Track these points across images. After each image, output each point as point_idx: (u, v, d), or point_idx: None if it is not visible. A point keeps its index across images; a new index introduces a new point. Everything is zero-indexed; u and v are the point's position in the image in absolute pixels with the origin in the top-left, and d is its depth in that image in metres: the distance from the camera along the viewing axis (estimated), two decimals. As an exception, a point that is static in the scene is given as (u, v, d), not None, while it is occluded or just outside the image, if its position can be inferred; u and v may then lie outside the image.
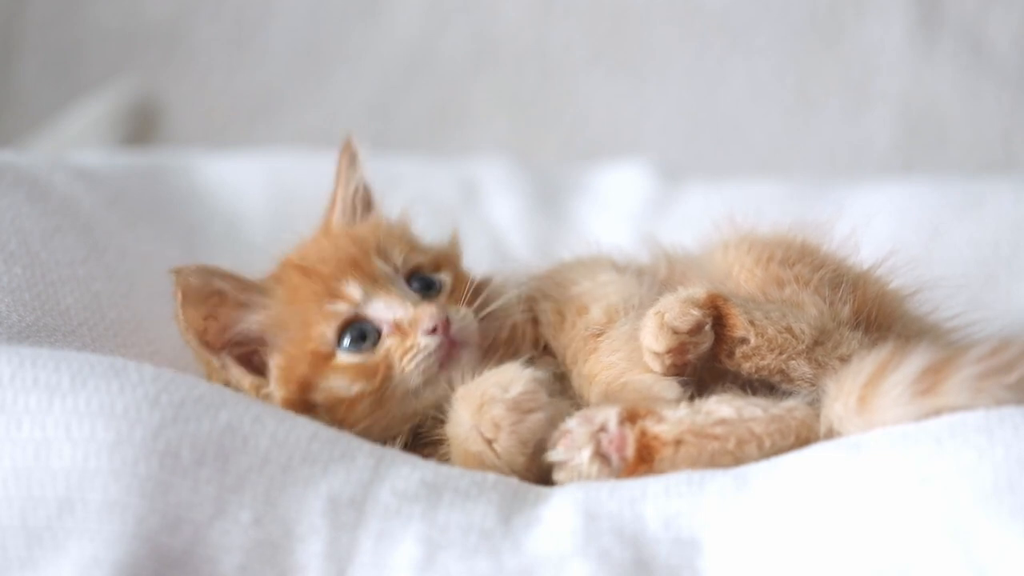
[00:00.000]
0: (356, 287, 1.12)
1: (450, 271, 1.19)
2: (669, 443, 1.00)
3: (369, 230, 1.20)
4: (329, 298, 1.12)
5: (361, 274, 1.13)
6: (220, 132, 2.46)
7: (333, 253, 1.16)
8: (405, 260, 1.17)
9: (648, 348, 1.04)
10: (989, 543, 0.84)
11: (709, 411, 1.01)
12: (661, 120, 2.41)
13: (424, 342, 1.09)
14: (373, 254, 1.15)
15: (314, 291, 1.13)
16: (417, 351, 1.09)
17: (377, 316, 1.11)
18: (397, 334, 1.10)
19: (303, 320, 1.12)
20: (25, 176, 1.37)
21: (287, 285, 1.15)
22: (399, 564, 0.90)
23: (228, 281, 1.14)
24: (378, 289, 1.12)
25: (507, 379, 1.03)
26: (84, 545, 0.89)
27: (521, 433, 1.01)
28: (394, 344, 1.10)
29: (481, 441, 1.01)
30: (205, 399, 0.96)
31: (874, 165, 2.30)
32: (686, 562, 0.91)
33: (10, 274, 1.22)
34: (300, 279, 1.14)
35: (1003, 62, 2.28)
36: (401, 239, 1.20)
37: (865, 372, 0.98)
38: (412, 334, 1.09)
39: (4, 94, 2.56)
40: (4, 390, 0.94)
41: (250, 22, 2.55)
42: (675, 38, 2.42)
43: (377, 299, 1.12)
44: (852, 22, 2.35)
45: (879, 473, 0.91)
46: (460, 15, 2.49)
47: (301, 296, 1.13)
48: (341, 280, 1.12)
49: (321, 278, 1.13)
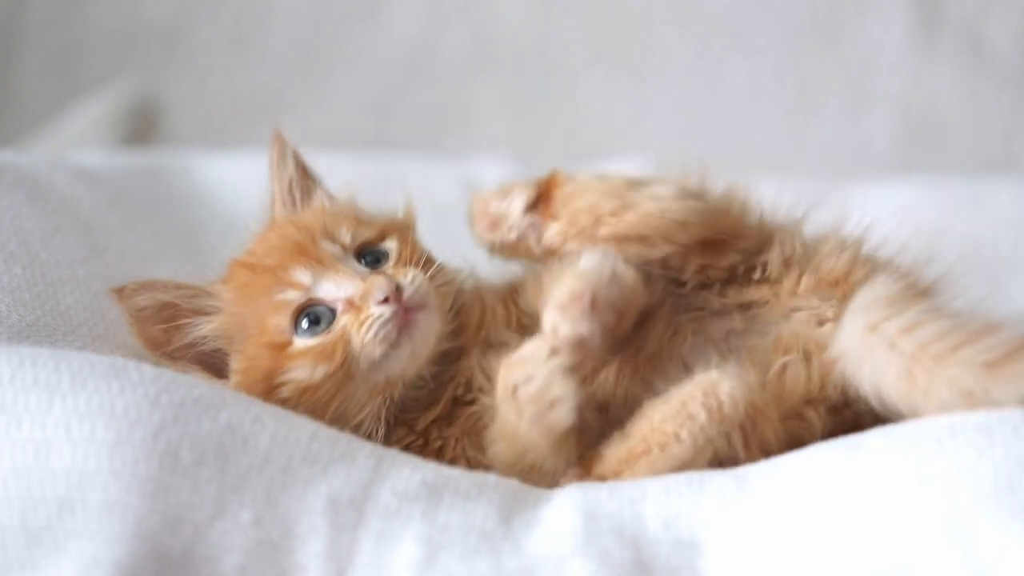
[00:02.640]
0: (304, 272, 1.11)
1: (397, 238, 1.17)
2: (610, 478, 1.01)
3: (313, 215, 1.19)
4: (279, 287, 1.11)
5: (308, 259, 1.12)
6: (220, 132, 2.46)
7: (278, 244, 1.15)
8: (353, 237, 1.15)
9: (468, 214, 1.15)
10: (989, 543, 0.84)
11: (631, 434, 1.02)
12: (661, 120, 2.41)
13: (377, 311, 1.07)
14: (319, 237, 1.14)
15: (263, 284, 1.12)
16: (372, 320, 1.07)
17: (329, 296, 1.10)
18: (351, 311, 1.09)
19: (256, 316, 1.11)
20: (25, 176, 1.38)
21: (236, 284, 1.14)
22: (399, 564, 0.90)
23: (173, 291, 1.13)
24: (326, 270, 1.11)
25: (530, 364, 1.01)
26: (84, 545, 0.89)
27: (545, 425, 1.00)
28: (349, 320, 1.09)
29: (516, 419, 1.01)
30: (205, 399, 0.96)
31: (874, 165, 2.30)
32: (686, 562, 0.91)
33: (10, 274, 1.22)
34: (247, 276, 1.14)
35: (1003, 62, 2.28)
36: (346, 217, 1.18)
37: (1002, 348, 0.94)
38: (364, 307, 1.08)
39: (4, 94, 2.56)
40: (4, 390, 0.94)
41: (250, 22, 2.55)
42: (675, 38, 2.42)
43: (326, 280, 1.11)
44: (852, 22, 2.35)
45: (879, 473, 0.91)
46: (460, 15, 2.49)
47: (251, 292, 1.12)
48: (288, 268, 1.11)
49: (268, 270, 1.12)
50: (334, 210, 1.21)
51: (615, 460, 1.02)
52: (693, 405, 1.00)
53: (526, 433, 1.01)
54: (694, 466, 0.99)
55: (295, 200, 1.22)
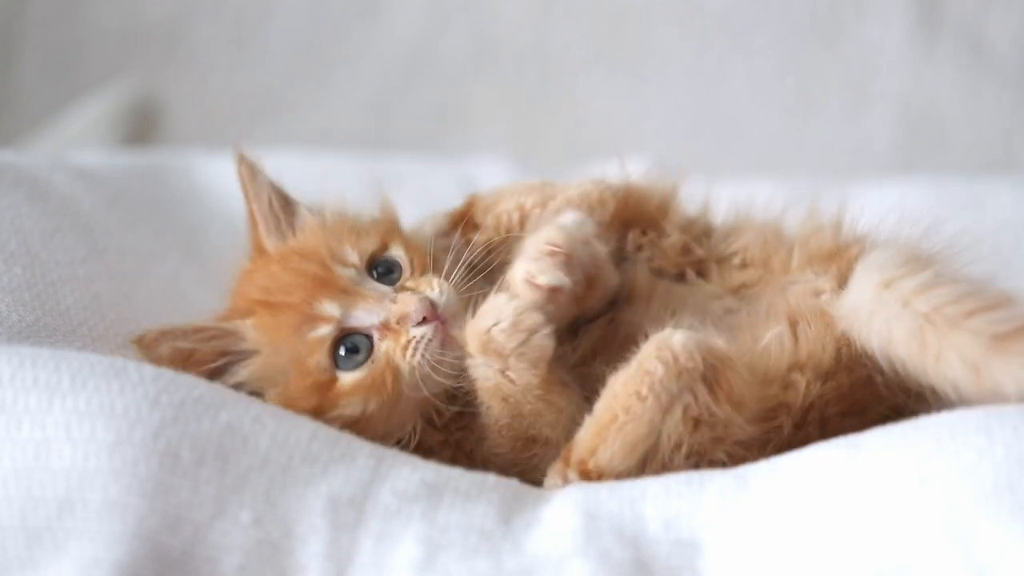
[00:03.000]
0: (331, 304, 1.08)
1: (399, 243, 1.16)
2: (588, 456, 1.01)
3: (312, 238, 1.15)
4: (309, 325, 1.08)
5: (329, 289, 1.09)
6: (220, 132, 2.46)
7: (292, 278, 1.11)
8: (360, 254, 1.13)
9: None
10: (989, 543, 0.84)
11: (597, 410, 1.02)
12: (661, 120, 2.41)
13: (419, 333, 1.07)
14: (331, 263, 1.11)
15: (291, 324, 1.09)
16: (415, 343, 1.06)
17: (362, 324, 1.08)
18: (388, 335, 1.08)
19: (292, 358, 1.08)
20: (25, 176, 1.38)
21: (262, 327, 1.10)
22: (399, 564, 0.90)
23: (192, 336, 1.10)
24: (352, 298, 1.09)
25: (495, 308, 1.03)
26: (84, 545, 0.89)
27: (529, 354, 1.02)
28: (390, 346, 1.07)
29: (498, 375, 1.03)
30: (205, 399, 0.96)
31: (874, 165, 2.30)
32: (686, 563, 0.91)
33: (10, 274, 1.22)
34: (272, 317, 1.10)
35: (1003, 62, 2.28)
36: (344, 232, 1.15)
37: (1013, 323, 0.95)
38: (403, 330, 1.07)
39: (4, 94, 2.56)
40: (4, 390, 0.94)
41: (250, 22, 2.56)
42: (675, 38, 2.42)
43: (356, 308, 1.08)
44: (852, 22, 2.36)
45: (879, 473, 0.91)
46: (460, 15, 2.49)
47: (281, 335, 1.09)
48: (313, 303, 1.08)
49: (292, 308, 1.09)
50: (329, 228, 1.17)
51: (588, 439, 1.01)
52: (649, 362, 0.99)
53: (515, 378, 1.03)
54: (666, 428, 0.98)
55: (278, 218, 1.18)
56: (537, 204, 1.17)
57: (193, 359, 1.08)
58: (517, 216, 1.17)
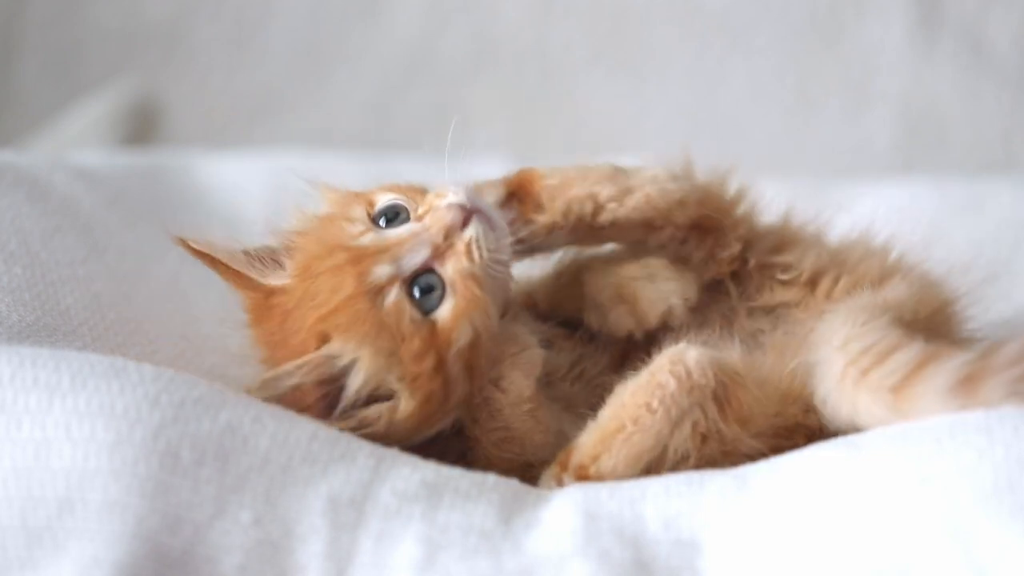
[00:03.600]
0: (379, 267, 1.05)
1: (381, 190, 1.13)
2: (589, 463, 1.01)
3: (315, 234, 1.11)
4: (379, 299, 1.04)
5: (366, 259, 1.06)
6: (220, 132, 2.46)
7: (326, 278, 1.07)
8: (360, 219, 1.10)
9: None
10: (989, 543, 0.84)
11: (603, 417, 1.02)
12: (661, 120, 2.41)
13: (470, 233, 1.06)
14: (348, 241, 1.07)
15: (364, 312, 1.04)
16: (474, 243, 1.06)
17: (418, 264, 1.06)
18: (446, 255, 1.06)
19: (389, 336, 1.04)
20: (25, 176, 1.38)
21: (343, 335, 1.05)
22: (399, 564, 0.90)
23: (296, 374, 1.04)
24: (390, 251, 1.06)
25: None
26: (84, 545, 0.89)
27: (522, 366, 1.05)
28: (455, 263, 1.05)
29: (490, 386, 1.05)
30: (205, 399, 0.96)
31: (874, 165, 2.30)
32: (686, 562, 0.91)
33: (10, 274, 1.22)
34: (344, 319, 1.05)
35: (1003, 62, 2.28)
36: (336, 211, 1.12)
37: (901, 372, 0.96)
38: (455, 242, 1.06)
39: (4, 94, 2.56)
40: (4, 390, 0.94)
41: (250, 22, 2.56)
42: (675, 38, 2.42)
43: (401, 257, 1.05)
44: (852, 22, 2.36)
45: (879, 473, 0.91)
46: (460, 15, 2.49)
47: (365, 327, 1.04)
48: (365, 280, 1.05)
49: (354, 299, 1.05)
50: (317, 216, 1.14)
51: (591, 445, 1.01)
52: (661, 375, 0.99)
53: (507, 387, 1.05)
54: (673, 442, 0.99)
55: (262, 260, 1.13)
56: (613, 198, 1.12)
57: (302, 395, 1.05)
58: (590, 207, 1.12)
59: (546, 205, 1.13)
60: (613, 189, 1.12)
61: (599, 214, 1.12)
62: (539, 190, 1.14)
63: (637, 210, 1.11)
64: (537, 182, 1.14)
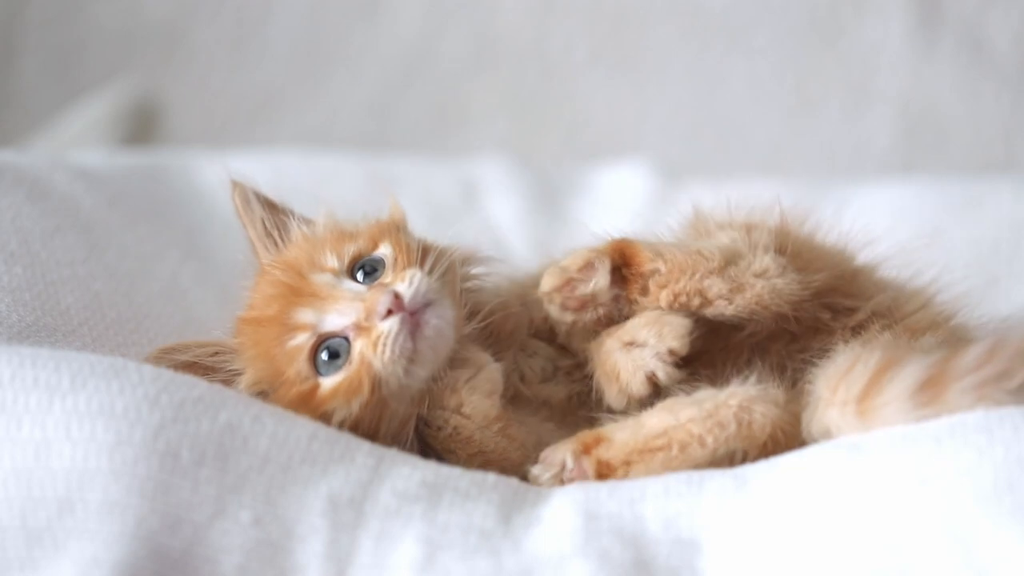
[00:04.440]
0: (305, 311, 1.07)
1: (388, 241, 1.13)
2: (619, 466, 1.01)
3: (296, 249, 1.14)
4: (288, 335, 1.07)
5: (304, 297, 1.08)
6: (220, 132, 2.46)
7: (271, 290, 1.10)
8: (339, 256, 1.11)
9: (541, 291, 1.07)
10: (989, 543, 0.84)
11: (650, 425, 1.02)
12: (661, 120, 2.41)
13: (386, 327, 1.04)
14: (308, 271, 1.10)
15: (272, 336, 1.08)
16: (383, 339, 1.04)
17: (337, 327, 1.06)
18: (362, 334, 1.05)
19: (276, 370, 1.07)
20: (25, 176, 1.38)
21: (247, 343, 1.10)
22: (399, 564, 0.90)
23: (194, 350, 1.09)
24: (325, 301, 1.07)
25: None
26: (84, 545, 0.89)
27: (481, 387, 1.06)
28: (363, 344, 1.05)
29: (452, 415, 1.06)
30: (205, 399, 0.96)
31: (874, 165, 2.30)
32: (686, 563, 0.91)
33: (10, 274, 1.22)
34: (255, 331, 1.09)
35: (1003, 62, 2.28)
36: (328, 240, 1.13)
37: (860, 382, 0.98)
38: (372, 326, 1.05)
39: (4, 94, 2.56)
40: (4, 390, 0.94)
41: (250, 22, 2.56)
42: (675, 38, 2.42)
43: (328, 311, 1.07)
44: (852, 22, 2.36)
45: (879, 474, 0.91)
46: (460, 15, 2.49)
47: (263, 348, 1.08)
48: (289, 313, 1.07)
49: (272, 320, 1.08)
50: (314, 237, 1.15)
51: (628, 449, 1.01)
52: (725, 414, 1.00)
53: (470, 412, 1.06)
54: (699, 467, 1.00)
55: (275, 240, 1.17)
56: (722, 296, 1.06)
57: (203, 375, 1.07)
58: (698, 302, 1.06)
59: (651, 292, 1.06)
60: (723, 287, 1.05)
61: (705, 308, 1.07)
62: (646, 273, 1.07)
63: (744, 308, 1.06)
64: (644, 263, 1.07)
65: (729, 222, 1.14)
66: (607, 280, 1.06)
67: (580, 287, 1.07)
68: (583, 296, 1.07)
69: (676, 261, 1.06)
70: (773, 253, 1.08)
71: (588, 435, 1.04)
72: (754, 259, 1.07)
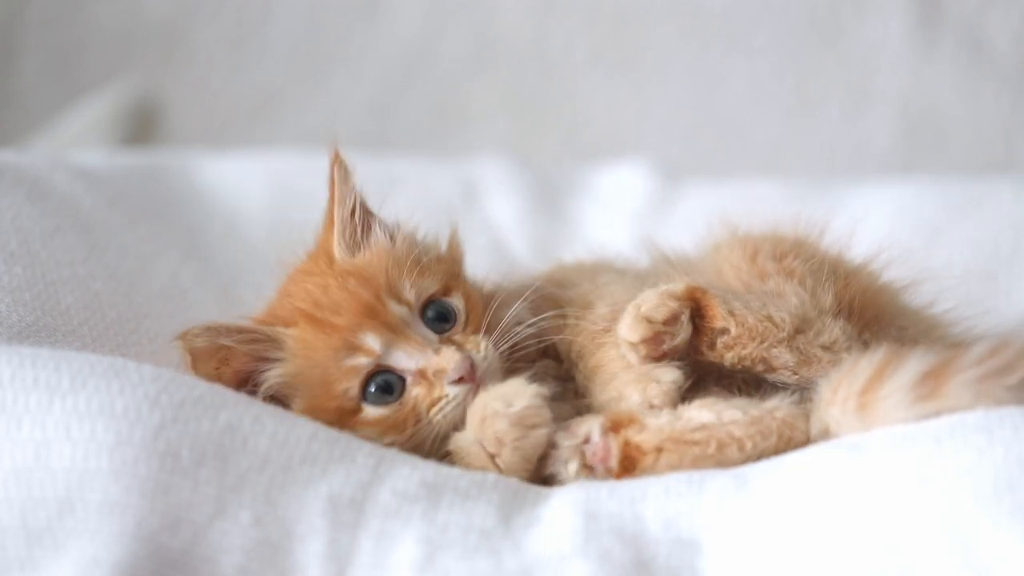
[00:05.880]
0: (374, 338, 1.07)
1: (460, 293, 1.13)
2: (650, 451, 1.00)
3: (376, 265, 1.12)
4: (348, 352, 1.07)
5: (377, 322, 1.07)
6: (220, 132, 2.46)
7: (344, 299, 1.09)
8: (418, 294, 1.11)
9: (624, 338, 1.05)
10: (989, 543, 0.84)
11: (689, 417, 1.02)
12: (661, 120, 2.41)
13: (452, 392, 1.05)
14: (385, 296, 1.09)
15: (331, 346, 1.07)
16: (446, 403, 1.06)
17: (400, 366, 1.07)
18: (423, 383, 1.07)
19: (323, 378, 1.07)
20: (25, 176, 1.38)
21: (301, 340, 1.09)
22: (399, 564, 0.90)
23: (234, 336, 1.09)
24: (397, 338, 1.07)
25: (511, 393, 1.03)
26: (84, 545, 0.89)
27: (524, 449, 1.01)
28: (421, 394, 1.06)
29: (484, 456, 1.02)
30: (205, 399, 0.96)
31: (874, 165, 2.30)
32: (686, 562, 0.91)
33: (10, 274, 1.22)
34: (313, 333, 1.08)
35: (1003, 62, 2.28)
36: (409, 267, 1.12)
37: (862, 377, 0.98)
38: (438, 384, 1.06)
39: (4, 94, 2.56)
40: (4, 390, 0.94)
41: (250, 22, 2.55)
42: (675, 38, 2.42)
43: (397, 349, 1.07)
44: (852, 22, 2.36)
45: (879, 474, 0.91)
46: (460, 15, 2.49)
47: (318, 353, 1.08)
48: (357, 332, 1.07)
49: (336, 331, 1.08)
50: (395, 255, 1.13)
51: (663, 436, 1.01)
52: (769, 424, 1.01)
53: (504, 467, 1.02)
54: (723, 468, 1.00)
55: (355, 233, 1.15)
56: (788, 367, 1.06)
57: (229, 359, 1.08)
58: (761, 368, 1.07)
59: (718, 350, 1.06)
60: (791, 359, 1.05)
61: (768, 374, 1.07)
62: (716, 330, 1.06)
63: (806, 380, 1.06)
64: (716, 320, 1.06)
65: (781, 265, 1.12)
66: (689, 333, 1.06)
67: (667, 340, 1.05)
68: (667, 349, 1.06)
69: (747, 325, 1.05)
70: (842, 322, 1.07)
71: (621, 413, 1.03)
72: (823, 328, 1.07)
